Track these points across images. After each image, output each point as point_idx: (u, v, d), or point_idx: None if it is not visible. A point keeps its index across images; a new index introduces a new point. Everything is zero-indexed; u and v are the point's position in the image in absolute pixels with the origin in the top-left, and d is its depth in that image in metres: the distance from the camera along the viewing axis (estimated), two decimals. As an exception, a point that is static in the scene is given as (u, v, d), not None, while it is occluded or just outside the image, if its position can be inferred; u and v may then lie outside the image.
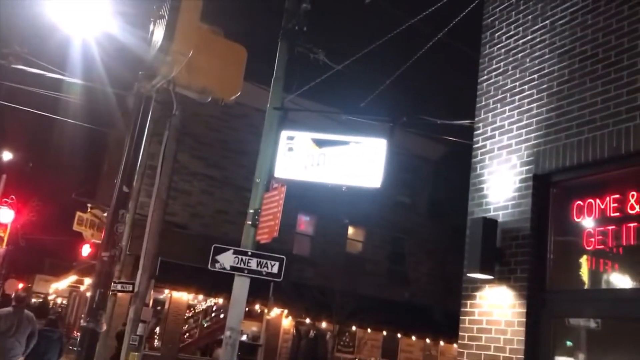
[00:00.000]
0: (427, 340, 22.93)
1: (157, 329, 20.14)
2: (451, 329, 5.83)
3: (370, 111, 9.55)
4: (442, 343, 22.87)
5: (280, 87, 9.09)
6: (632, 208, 4.72)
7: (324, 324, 21.16)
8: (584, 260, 5.09)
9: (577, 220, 5.13)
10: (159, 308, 19.83)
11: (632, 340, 4.49)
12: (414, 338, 22.65)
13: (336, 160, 8.40)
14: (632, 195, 4.74)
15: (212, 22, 5.26)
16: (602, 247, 4.92)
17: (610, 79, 5.01)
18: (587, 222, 5.05)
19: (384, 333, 22.33)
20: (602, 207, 4.95)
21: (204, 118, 20.99)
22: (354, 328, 21.88)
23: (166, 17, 4.17)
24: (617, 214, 4.81)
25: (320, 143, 8.51)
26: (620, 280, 4.95)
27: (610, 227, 4.85)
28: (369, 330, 21.93)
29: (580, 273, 5.14)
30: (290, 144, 8.60)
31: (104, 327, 8.37)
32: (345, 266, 21.20)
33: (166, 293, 19.70)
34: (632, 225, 4.69)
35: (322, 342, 21.71)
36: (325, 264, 21.10)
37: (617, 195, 4.84)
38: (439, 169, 25.44)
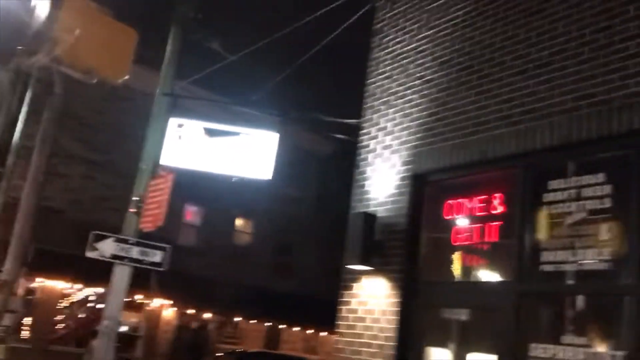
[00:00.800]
0: (309, 331, 23.45)
1: (27, 319, 18.96)
2: (333, 319, 6.09)
3: (262, 104, 9.63)
4: (323, 333, 23.48)
5: (172, 73, 8.91)
6: (496, 208, 5.19)
7: (207, 315, 20.99)
8: (452, 254, 5.50)
9: (448, 217, 5.55)
10: (29, 297, 18.66)
11: (495, 329, 4.92)
12: (296, 328, 23.07)
13: (227, 150, 8.40)
14: (496, 197, 5.21)
15: (102, 2, 5.09)
16: (468, 243, 5.36)
17: (482, 90, 5.45)
18: (457, 220, 5.48)
19: (267, 324, 22.55)
20: (470, 206, 5.39)
21: (86, 98, 19.97)
22: (237, 319, 21.90)
23: (52, -9, 4.00)
24: (483, 213, 5.27)
25: (211, 132, 8.47)
26: (484, 274, 5.42)
27: (476, 225, 5.30)
28: (252, 321, 22.05)
29: (450, 266, 5.55)
30: (179, 131, 8.48)
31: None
32: (232, 257, 21.14)
33: (38, 281, 18.58)
34: (494, 223, 5.16)
35: (205, 333, 21.53)
36: (211, 254, 20.92)
37: (484, 196, 5.30)
38: (327, 164, 26.00)
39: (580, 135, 4.53)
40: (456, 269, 5.49)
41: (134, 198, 8.43)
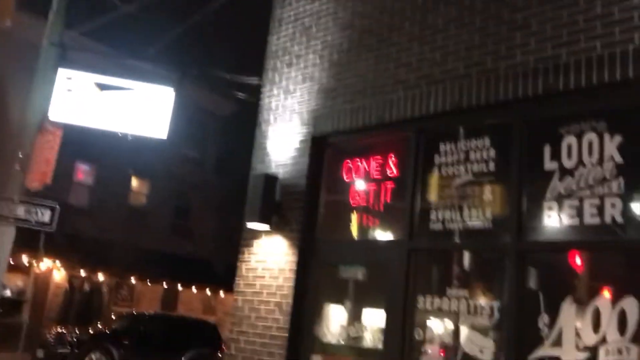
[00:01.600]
0: (207, 292, 23.38)
1: None
2: (232, 280, 6.12)
3: (160, 60, 9.26)
4: (222, 294, 23.52)
5: (60, 22, 8.32)
6: (390, 170, 5.39)
7: (100, 277, 20.31)
8: (349, 215, 5.67)
9: (346, 179, 5.70)
10: None
11: (387, 285, 5.16)
12: (194, 290, 22.93)
13: (120, 106, 8.04)
14: (391, 159, 5.40)
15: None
16: (364, 203, 5.55)
17: (381, 54, 5.57)
18: (354, 181, 5.64)
19: (164, 285, 22.22)
20: (367, 168, 5.56)
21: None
22: (132, 281, 21.38)
23: None
24: (378, 175, 5.45)
25: (103, 87, 8.04)
26: (378, 233, 5.63)
27: (372, 187, 5.49)
28: (148, 283, 21.63)
29: (346, 226, 5.72)
30: (69, 84, 7.98)
31: None
32: (127, 219, 20.49)
33: None
34: (389, 185, 5.37)
35: (98, 295, 20.87)
36: (104, 215, 20.15)
37: (380, 159, 5.48)
38: (228, 125, 25.63)
39: (470, 101, 4.77)
40: (352, 228, 5.67)
41: (19, 155, 7.89)
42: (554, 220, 4.23)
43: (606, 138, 4.09)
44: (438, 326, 4.77)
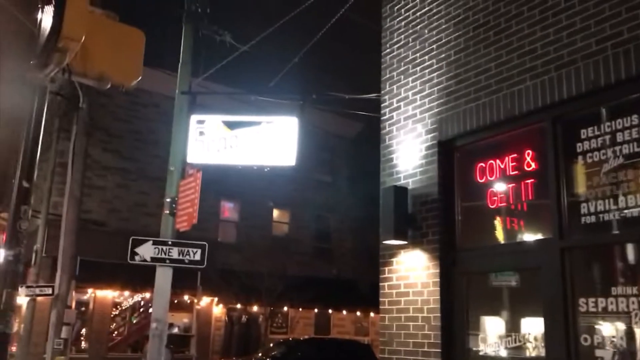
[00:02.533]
0: (358, 313, 23.50)
1: (83, 330, 19.49)
2: (378, 299, 6.02)
3: (279, 91, 9.55)
4: (372, 314, 23.50)
5: (188, 71, 8.92)
6: (529, 165, 5.02)
7: (255, 308, 21.21)
8: (489, 218, 5.36)
9: (480, 181, 5.40)
10: (83, 309, 19.18)
11: (541, 289, 4.77)
12: (344, 312, 23.14)
13: (249, 141, 8.37)
14: (528, 154, 5.04)
15: (107, 6, 5.09)
16: (504, 204, 5.21)
17: (502, 45, 5.27)
18: (490, 182, 5.33)
19: (315, 310, 22.67)
20: (502, 166, 5.23)
21: (111, 109, 20.29)
22: (285, 308, 22.08)
23: (53, 2, 3.99)
24: (516, 172, 5.11)
25: (231, 125, 8.44)
26: (523, 234, 5.26)
27: (510, 185, 5.15)
28: (300, 309, 22.20)
29: (487, 231, 5.41)
30: (201, 128, 8.48)
31: (15, 328, 8.01)
32: (272, 249, 21.28)
33: (90, 293, 19.07)
34: (529, 181, 5.00)
35: (255, 326, 21.79)
36: (251, 248, 21.10)
37: (515, 155, 5.14)
38: (357, 145, 25.86)
39: (608, 78, 4.32)
40: (495, 232, 5.35)
41: (166, 200, 8.49)
42: None
43: None
44: (607, 329, 4.30)
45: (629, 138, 4.27)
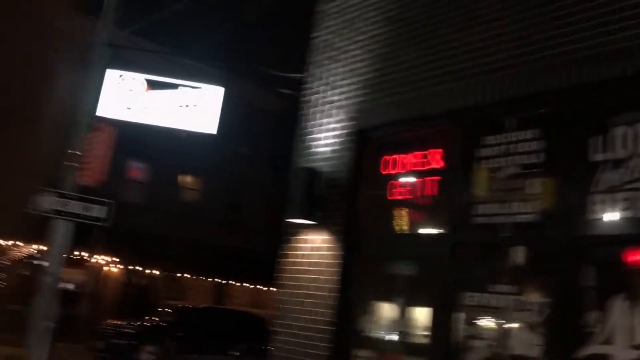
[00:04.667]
0: (258, 286, 23.70)
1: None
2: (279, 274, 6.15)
3: (208, 56, 9.41)
4: (272, 289, 23.76)
5: (111, 21, 8.56)
6: (434, 163, 5.29)
7: (156, 272, 20.89)
8: (393, 208, 5.61)
9: (388, 172, 5.64)
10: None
11: (432, 280, 5.08)
12: (245, 284, 23.28)
13: (170, 103, 8.22)
14: (435, 152, 5.31)
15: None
16: (408, 197, 5.48)
17: (428, 45, 5.47)
18: (398, 175, 5.58)
19: (214, 279, 22.66)
20: (410, 161, 5.48)
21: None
22: (186, 275, 21.90)
23: None
24: (422, 168, 5.37)
25: (154, 85, 8.24)
26: (421, 227, 5.55)
27: (415, 180, 5.41)
28: (200, 277, 22.10)
29: (390, 220, 5.66)
30: (120, 83, 8.21)
31: None
32: (180, 214, 20.98)
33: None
34: (433, 178, 5.28)
35: (153, 290, 21.48)
36: (157, 211, 20.70)
37: (423, 152, 5.40)
38: (280, 121, 25.80)
39: (516, 92, 4.63)
40: (396, 223, 5.61)
41: (70, 151, 8.15)
42: (607, 213, 4.06)
43: (660, 127, 3.89)
44: (485, 323, 4.66)
45: (526, 149, 4.61)
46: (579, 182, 4.21)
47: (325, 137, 6.13)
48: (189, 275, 21.82)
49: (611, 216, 4.04)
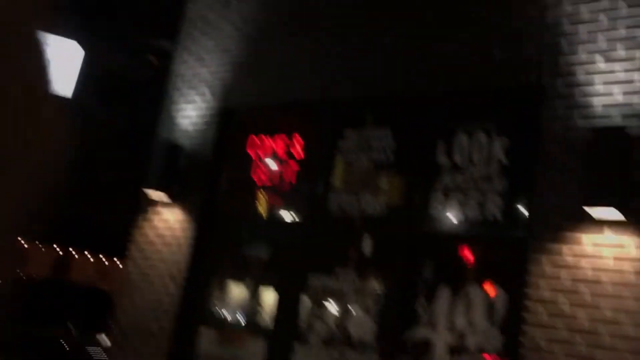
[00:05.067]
0: (105, 260, 22.67)
1: None
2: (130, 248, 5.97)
3: (69, 9, 8.75)
4: (119, 262, 22.84)
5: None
6: (296, 151, 5.46)
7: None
8: (253, 192, 5.69)
9: (252, 156, 5.70)
10: None
11: (285, 265, 5.24)
12: (89, 256, 22.15)
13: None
14: (298, 140, 5.47)
15: None
16: (269, 181, 5.59)
17: (301, 34, 5.60)
18: (260, 159, 5.66)
19: (57, 249, 21.31)
20: (273, 147, 5.60)
21: None
22: (24, 245, 20.32)
23: None
24: (284, 155, 5.51)
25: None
26: (280, 213, 5.68)
27: (277, 166, 5.54)
28: (41, 247, 20.65)
29: (249, 203, 5.74)
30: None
31: None
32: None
33: None
34: (294, 165, 5.43)
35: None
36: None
37: (286, 139, 5.54)
38: (143, 90, 24.69)
39: (375, 91, 4.94)
40: (255, 206, 5.68)
41: None
42: (442, 212, 4.48)
43: (495, 139, 4.37)
44: (328, 306, 4.93)
45: (380, 147, 4.93)
46: (424, 182, 4.60)
47: (192, 112, 6.05)
48: (25, 243, 20.30)
49: (447, 215, 4.47)
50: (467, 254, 4.44)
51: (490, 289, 4.10)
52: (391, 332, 4.39)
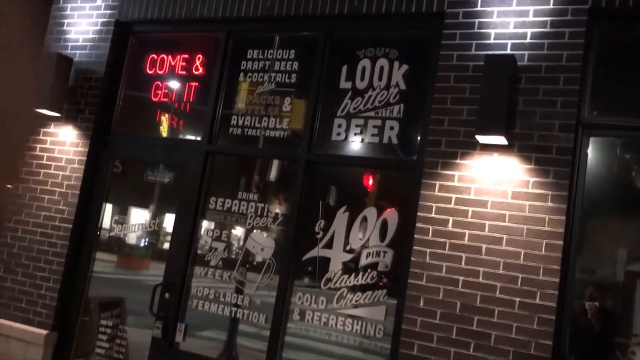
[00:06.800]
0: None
1: None
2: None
3: None
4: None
5: None
6: (197, 70, 5.29)
7: None
8: (151, 110, 5.49)
9: (149, 72, 5.46)
10: None
11: (183, 186, 5.16)
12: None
13: None
14: (199, 58, 5.29)
15: None
16: (167, 100, 5.40)
17: (200, -55, 5.29)
18: (159, 76, 5.44)
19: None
20: (173, 64, 5.38)
21: None
22: None
23: None
24: (185, 73, 5.32)
25: None
26: (179, 132, 5.55)
27: (177, 84, 5.35)
28: None
29: (146, 122, 5.55)
30: None
31: None
32: None
33: None
34: (194, 85, 5.28)
35: None
36: None
37: (187, 56, 5.33)
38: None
39: (281, 11, 4.81)
40: (153, 125, 5.52)
41: None
42: (342, 136, 4.56)
43: (395, 65, 4.44)
44: (228, 228, 4.96)
45: (283, 69, 4.87)
46: (328, 106, 4.62)
47: (84, 23, 5.63)
48: None
49: (348, 139, 4.55)
50: (365, 178, 4.58)
51: (384, 211, 4.29)
52: (291, 253, 4.51)
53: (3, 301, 5.38)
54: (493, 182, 3.84)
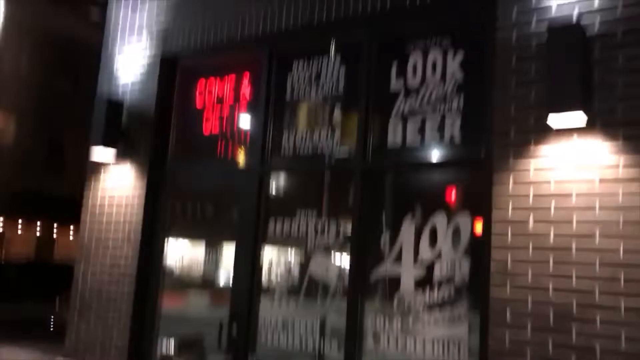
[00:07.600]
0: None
1: None
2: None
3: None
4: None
5: None
6: (244, 93, 5.10)
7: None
8: (204, 141, 5.35)
9: (199, 103, 5.34)
10: None
11: (250, 214, 4.93)
12: (72, 232, 21.86)
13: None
14: (244, 81, 5.10)
15: None
16: (219, 129, 5.23)
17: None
18: (207, 106, 5.30)
19: (38, 229, 20.97)
20: (220, 92, 5.24)
21: None
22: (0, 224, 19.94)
23: None
24: (232, 99, 5.15)
25: None
26: (233, 160, 5.31)
27: (226, 111, 5.18)
28: (19, 225, 20.29)
29: (200, 153, 5.41)
30: None
31: None
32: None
33: None
34: (243, 109, 5.09)
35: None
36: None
37: (232, 81, 5.17)
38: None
39: (321, 17, 4.53)
40: (207, 155, 5.35)
41: None
42: (399, 140, 4.17)
43: (449, 54, 4.03)
44: (289, 250, 4.67)
45: (329, 78, 4.57)
46: (380, 110, 4.27)
47: (131, 63, 5.62)
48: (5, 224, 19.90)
49: (405, 143, 4.15)
50: (429, 182, 4.16)
51: (455, 216, 3.84)
52: (356, 269, 4.13)
53: (80, 347, 5.33)
54: (575, 168, 3.32)
